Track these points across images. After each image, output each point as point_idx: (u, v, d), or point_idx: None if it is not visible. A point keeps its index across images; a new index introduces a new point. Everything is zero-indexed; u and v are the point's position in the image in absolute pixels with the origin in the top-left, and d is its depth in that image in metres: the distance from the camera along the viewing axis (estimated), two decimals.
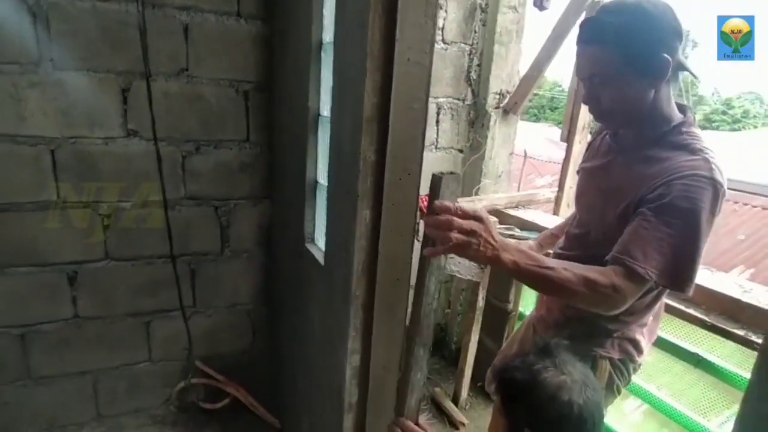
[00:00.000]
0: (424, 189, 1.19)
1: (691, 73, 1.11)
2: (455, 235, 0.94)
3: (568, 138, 2.36)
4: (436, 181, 1.07)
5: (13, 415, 2.08)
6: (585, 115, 2.26)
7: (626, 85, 1.07)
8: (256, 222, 2.28)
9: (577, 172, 1.43)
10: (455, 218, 0.94)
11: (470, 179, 2.65)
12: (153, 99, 1.93)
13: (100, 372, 2.19)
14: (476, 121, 2.63)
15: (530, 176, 6.87)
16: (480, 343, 2.54)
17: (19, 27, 1.72)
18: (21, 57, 1.75)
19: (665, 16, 1.03)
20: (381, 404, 1.39)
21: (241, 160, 2.16)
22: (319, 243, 1.70)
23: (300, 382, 1.94)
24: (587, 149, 1.44)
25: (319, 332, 1.63)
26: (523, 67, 2.52)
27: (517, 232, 2.26)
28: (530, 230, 2.25)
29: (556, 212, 2.39)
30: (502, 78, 2.56)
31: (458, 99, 2.60)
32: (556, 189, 2.42)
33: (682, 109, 1.15)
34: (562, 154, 2.46)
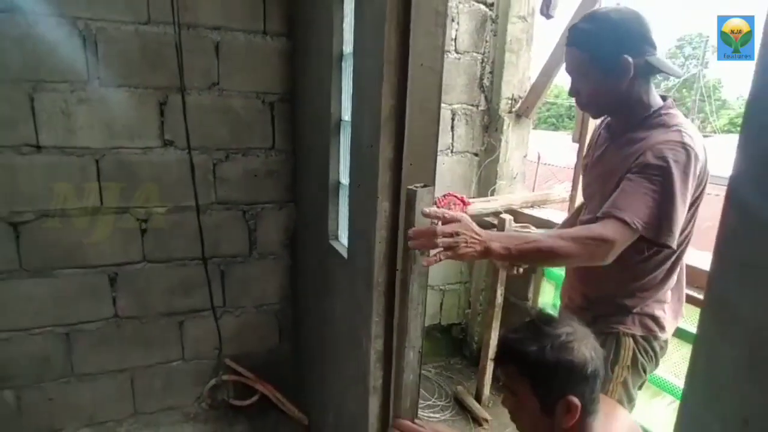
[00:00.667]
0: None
1: (666, 72, 1.26)
2: (441, 240, 1.05)
3: (580, 139, 2.43)
4: (411, 194, 1.19)
5: (56, 410, 2.22)
6: None
7: (596, 81, 1.27)
8: (282, 225, 2.40)
9: (584, 167, 1.53)
10: (437, 226, 1.06)
11: (486, 182, 2.74)
12: (187, 111, 2.08)
13: (137, 370, 2.32)
14: (490, 126, 2.73)
15: (549, 182, 6.90)
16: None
17: (71, 49, 1.90)
18: (71, 76, 1.93)
19: (630, 24, 1.21)
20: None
21: (268, 166, 2.29)
22: (342, 240, 1.81)
23: (326, 375, 2.03)
24: (588, 147, 1.54)
25: (342, 323, 1.72)
26: (534, 73, 2.61)
27: (533, 230, 2.32)
28: (546, 228, 2.31)
29: (570, 210, 2.45)
30: (514, 84, 2.65)
31: (472, 105, 2.70)
32: (570, 188, 2.48)
33: (664, 99, 1.29)
34: None
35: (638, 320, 1.35)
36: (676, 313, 1.42)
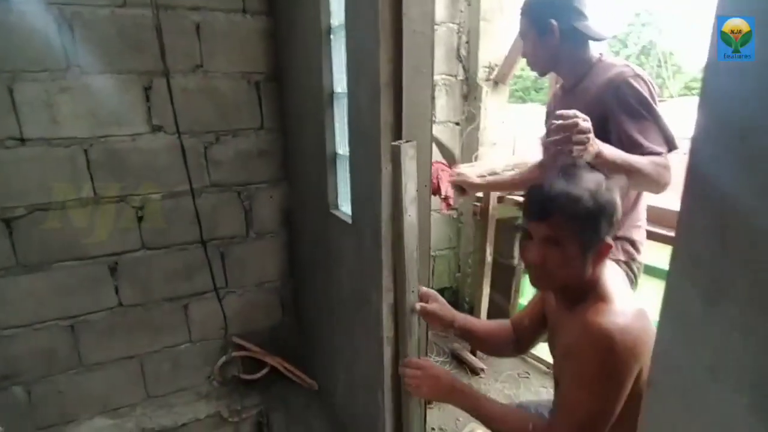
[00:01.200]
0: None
1: (591, 36, 1.49)
2: (577, 137, 1.18)
3: None
4: (396, 149, 1.29)
5: (68, 401, 2.25)
6: None
7: (534, 43, 1.56)
8: (276, 204, 2.46)
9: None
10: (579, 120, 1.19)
11: (468, 149, 2.84)
12: (173, 95, 2.10)
13: (145, 356, 2.36)
14: (469, 95, 2.82)
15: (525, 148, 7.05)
16: (490, 300, 2.75)
17: (47, 36, 1.88)
18: (50, 64, 1.91)
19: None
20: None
21: (259, 146, 2.34)
22: (343, 208, 1.89)
23: (335, 338, 2.13)
24: (548, 112, 1.79)
25: (350, 284, 1.81)
26: (509, 41, 2.70)
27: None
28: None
29: None
30: (490, 53, 2.75)
31: (451, 75, 2.79)
32: None
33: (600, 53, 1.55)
34: None
35: (621, 246, 1.50)
36: (643, 234, 1.59)
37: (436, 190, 2.14)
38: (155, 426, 2.34)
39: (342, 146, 1.84)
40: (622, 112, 1.37)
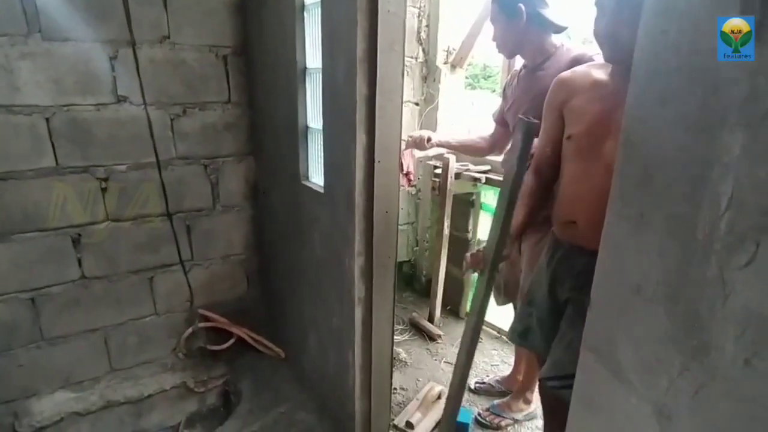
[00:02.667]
0: None
1: (551, 23, 1.68)
2: None
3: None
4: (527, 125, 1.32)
5: (29, 375, 2.21)
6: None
7: (503, 27, 1.73)
8: (243, 177, 2.50)
9: (507, 108, 1.93)
10: None
11: (427, 128, 2.98)
12: (140, 66, 2.09)
13: (109, 328, 2.36)
14: (428, 77, 2.96)
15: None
16: (446, 272, 2.94)
17: (8, 0, 1.82)
18: (10, 28, 1.84)
19: None
20: (383, 295, 1.73)
21: (225, 120, 2.36)
22: (313, 179, 1.98)
23: (304, 305, 2.23)
24: (504, 94, 2.00)
25: (320, 251, 1.92)
26: (466, 26, 2.85)
27: (472, 167, 2.64)
28: (481, 165, 2.63)
29: None
30: (448, 37, 2.89)
31: (412, 57, 2.91)
32: None
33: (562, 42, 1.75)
34: None
35: None
36: None
37: (399, 167, 2.27)
38: (120, 398, 2.36)
39: (313, 120, 1.92)
40: None
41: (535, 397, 2.11)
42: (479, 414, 2.14)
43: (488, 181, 2.53)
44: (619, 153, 0.79)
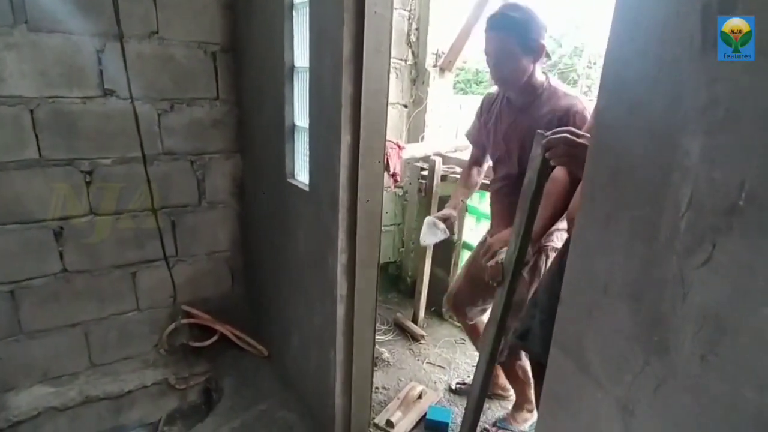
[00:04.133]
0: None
1: (548, 55, 1.67)
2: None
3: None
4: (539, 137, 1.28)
5: (6, 369, 2.19)
6: None
7: (518, 60, 1.60)
8: (229, 175, 2.50)
9: (485, 131, 1.92)
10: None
11: (415, 130, 3.02)
12: (127, 60, 2.08)
13: (90, 323, 2.34)
14: (417, 79, 2.99)
15: None
16: (431, 273, 2.96)
17: None
18: None
19: (539, 14, 1.59)
20: (366, 294, 1.74)
21: (213, 117, 2.36)
22: (299, 177, 1.99)
23: (287, 303, 2.24)
24: (480, 112, 1.96)
25: (306, 248, 1.93)
26: (456, 30, 2.89)
27: (458, 169, 2.66)
28: None
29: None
30: (438, 40, 2.92)
31: (401, 59, 2.94)
32: None
33: (545, 75, 1.72)
34: None
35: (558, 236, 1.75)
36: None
37: (386, 167, 2.29)
38: (100, 393, 2.34)
39: (300, 118, 1.93)
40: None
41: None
42: (486, 430, 2.12)
43: None
44: (588, 157, 0.82)
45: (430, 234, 1.99)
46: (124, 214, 2.27)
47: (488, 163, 2.05)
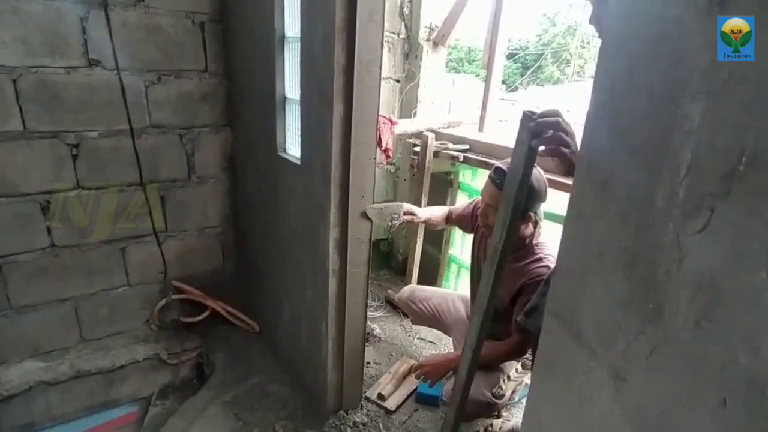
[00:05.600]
0: None
1: (536, 224, 1.79)
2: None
3: (488, 64, 2.74)
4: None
5: None
6: (503, 42, 2.65)
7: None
8: (219, 149, 2.46)
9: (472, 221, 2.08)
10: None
11: (408, 105, 2.98)
12: (112, 29, 2.01)
13: (80, 298, 2.32)
14: (410, 53, 2.94)
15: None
16: (423, 251, 2.96)
17: None
18: None
19: (540, 188, 1.65)
20: (358, 268, 1.74)
21: (202, 89, 2.31)
22: (290, 150, 1.96)
23: (277, 279, 2.23)
24: (472, 213, 2.11)
25: (297, 223, 1.92)
26: (449, 3, 2.83)
27: (451, 145, 2.64)
28: (461, 143, 2.64)
29: (480, 129, 2.80)
30: (431, 13, 2.86)
31: (394, 33, 2.88)
32: (481, 109, 2.81)
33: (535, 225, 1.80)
34: None
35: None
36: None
37: (378, 143, 2.26)
38: (91, 368, 2.33)
39: (291, 90, 1.89)
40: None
41: None
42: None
43: (466, 160, 2.55)
44: (586, 121, 0.80)
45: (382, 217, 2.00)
46: (111, 188, 2.23)
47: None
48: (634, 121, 0.72)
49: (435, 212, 2.26)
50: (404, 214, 2.02)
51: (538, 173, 1.60)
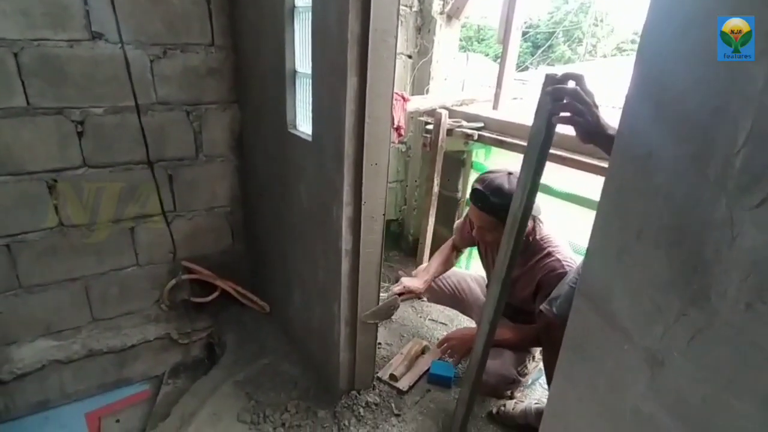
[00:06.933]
0: None
1: (536, 216, 1.83)
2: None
3: (504, 39, 2.65)
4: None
5: (7, 323, 2.17)
6: (520, 16, 2.55)
7: (498, 230, 1.61)
8: (227, 126, 2.40)
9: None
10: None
11: (420, 82, 2.90)
12: (115, 0, 1.94)
13: (90, 278, 2.31)
14: (423, 27, 2.84)
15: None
16: (434, 231, 2.92)
17: None
18: None
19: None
20: (371, 248, 1.69)
21: (209, 64, 2.24)
22: (301, 127, 1.90)
23: (289, 259, 2.19)
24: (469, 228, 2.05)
25: (308, 203, 1.87)
26: None
27: (465, 123, 2.57)
28: (475, 121, 2.57)
29: (495, 106, 2.72)
30: None
31: (406, 5, 2.78)
32: (496, 86, 2.73)
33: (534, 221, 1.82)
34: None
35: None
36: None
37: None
38: (103, 347, 2.34)
39: (302, 64, 1.82)
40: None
41: None
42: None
43: (481, 138, 2.48)
44: (630, 90, 0.74)
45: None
46: (118, 166, 2.19)
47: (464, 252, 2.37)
48: (686, 86, 0.66)
49: (439, 261, 2.28)
50: (404, 294, 2.18)
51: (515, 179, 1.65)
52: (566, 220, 2.28)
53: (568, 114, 1.12)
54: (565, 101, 1.11)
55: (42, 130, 1.99)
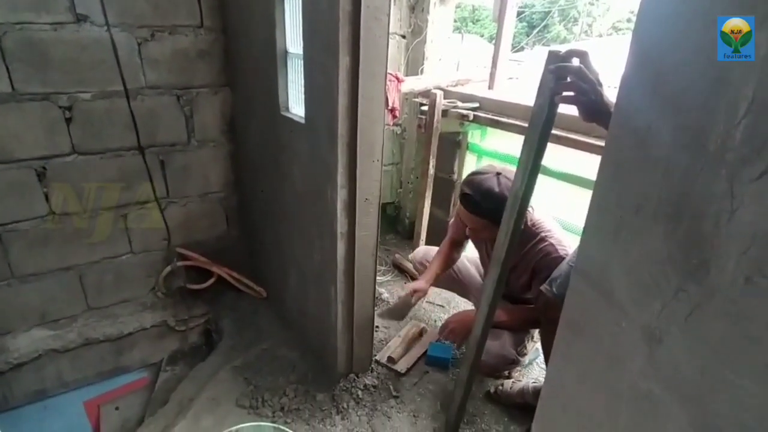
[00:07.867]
0: None
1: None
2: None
3: (499, 17, 2.60)
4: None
5: (1, 313, 2.16)
6: None
7: (492, 232, 1.59)
8: (218, 110, 2.36)
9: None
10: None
11: (414, 63, 2.85)
12: None
13: (83, 267, 2.29)
14: (416, 6, 2.78)
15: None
16: (430, 213, 2.90)
17: None
18: None
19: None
20: (367, 230, 1.68)
21: (198, 47, 2.19)
22: (293, 109, 1.87)
23: (284, 243, 2.18)
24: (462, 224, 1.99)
25: (302, 186, 1.85)
26: None
27: (460, 104, 2.54)
28: (470, 102, 2.53)
29: (491, 86, 2.68)
30: None
31: None
32: (491, 66, 2.68)
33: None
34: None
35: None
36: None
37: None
38: (99, 336, 2.33)
39: (293, 44, 1.79)
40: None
41: None
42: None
43: (476, 119, 2.45)
44: (627, 60, 0.72)
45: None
46: (109, 153, 2.15)
47: (467, 243, 2.28)
48: (685, 54, 0.64)
49: (440, 261, 2.25)
50: (415, 293, 2.21)
51: (506, 180, 1.69)
52: (561, 200, 2.27)
53: (571, 93, 1.09)
54: (568, 80, 1.08)
55: (29, 116, 1.95)
